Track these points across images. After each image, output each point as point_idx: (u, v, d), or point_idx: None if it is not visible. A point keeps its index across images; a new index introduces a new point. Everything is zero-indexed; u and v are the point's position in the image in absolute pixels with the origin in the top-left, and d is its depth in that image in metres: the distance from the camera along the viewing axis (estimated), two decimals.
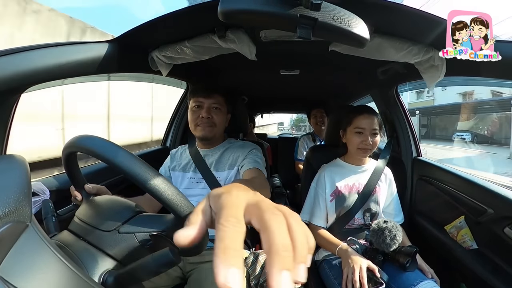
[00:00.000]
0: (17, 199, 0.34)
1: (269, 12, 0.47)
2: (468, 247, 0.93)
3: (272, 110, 3.86)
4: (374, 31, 0.67)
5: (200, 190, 0.94)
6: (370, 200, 1.05)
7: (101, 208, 0.53)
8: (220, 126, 0.99)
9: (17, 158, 0.42)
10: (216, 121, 0.97)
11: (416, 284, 0.81)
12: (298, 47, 0.94)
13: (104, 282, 0.43)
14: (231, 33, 0.73)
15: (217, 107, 0.97)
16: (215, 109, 0.97)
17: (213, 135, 0.98)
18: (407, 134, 1.30)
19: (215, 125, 0.97)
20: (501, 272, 0.82)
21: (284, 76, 1.37)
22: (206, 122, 0.95)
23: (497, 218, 0.84)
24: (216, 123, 0.97)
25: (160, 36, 0.77)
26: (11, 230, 0.32)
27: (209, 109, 0.96)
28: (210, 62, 0.87)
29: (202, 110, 0.95)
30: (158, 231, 0.48)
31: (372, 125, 1.00)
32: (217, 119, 0.97)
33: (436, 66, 0.73)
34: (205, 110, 0.95)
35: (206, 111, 0.95)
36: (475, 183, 0.94)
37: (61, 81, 0.65)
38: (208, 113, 0.95)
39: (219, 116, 0.98)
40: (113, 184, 0.98)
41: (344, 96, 2.00)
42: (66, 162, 0.54)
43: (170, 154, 1.09)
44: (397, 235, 0.85)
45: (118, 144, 0.46)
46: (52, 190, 0.70)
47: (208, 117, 0.95)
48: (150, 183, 0.43)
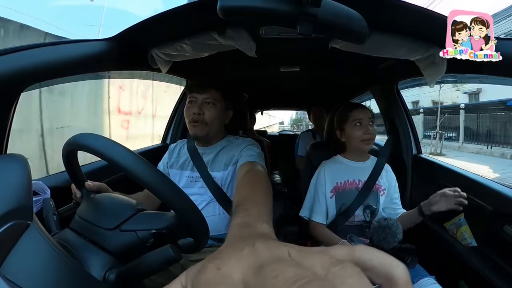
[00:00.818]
0: (18, 199, 0.34)
1: (269, 8, 0.47)
2: (467, 245, 0.94)
3: (272, 107, 3.86)
4: (375, 27, 0.66)
5: (197, 189, 0.94)
6: (370, 196, 1.05)
7: (102, 206, 0.54)
8: (213, 123, 0.93)
9: (18, 157, 0.42)
10: (207, 118, 0.92)
11: (416, 281, 0.82)
12: (298, 44, 0.94)
13: (106, 280, 0.43)
14: (231, 30, 0.72)
15: (211, 102, 0.93)
16: (208, 104, 0.92)
17: (205, 134, 0.93)
18: (408, 131, 1.30)
19: (205, 124, 0.92)
20: (500, 269, 0.82)
21: (284, 73, 1.37)
22: (196, 120, 0.91)
23: (496, 215, 0.84)
24: (207, 121, 0.92)
25: (160, 33, 0.76)
26: (13, 229, 0.32)
27: (201, 104, 0.92)
28: (209, 59, 0.87)
29: (194, 106, 0.92)
30: (159, 229, 0.48)
31: (368, 116, 1.04)
32: (209, 115, 0.92)
33: (437, 63, 0.72)
34: (196, 106, 0.91)
35: (198, 107, 0.91)
36: (475, 181, 0.94)
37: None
38: (199, 109, 0.91)
39: (211, 112, 0.92)
40: (114, 181, 0.98)
41: (344, 93, 1.99)
42: (67, 160, 0.54)
43: (168, 149, 1.07)
44: (398, 233, 0.85)
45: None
46: (53, 189, 0.70)
47: (198, 113, 0.90)
48: (150, 180, 0.43)
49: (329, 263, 0.14)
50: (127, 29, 0.68)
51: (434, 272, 0.87)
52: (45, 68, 0.55)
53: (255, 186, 0.61)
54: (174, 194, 0.44)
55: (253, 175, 0.70)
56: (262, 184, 0.61)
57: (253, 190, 0.57)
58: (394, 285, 0.15)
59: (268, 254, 0.17)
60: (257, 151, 0.91)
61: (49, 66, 0.55)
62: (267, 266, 0.15)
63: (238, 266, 0.16)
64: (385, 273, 0.16)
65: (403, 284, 0.15)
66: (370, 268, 0.16)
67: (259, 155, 0.88)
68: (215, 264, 0.16)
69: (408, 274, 0.16)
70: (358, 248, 0.17)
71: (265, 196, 0.53)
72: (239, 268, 0.16)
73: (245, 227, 0.31)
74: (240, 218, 0.35)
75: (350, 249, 0.17)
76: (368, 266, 0.16)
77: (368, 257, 0.16)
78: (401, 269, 0.15)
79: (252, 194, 0.52)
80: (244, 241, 0.20)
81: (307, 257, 0.15)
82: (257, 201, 0.46)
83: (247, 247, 0.18)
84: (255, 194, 0.53)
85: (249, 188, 0.59)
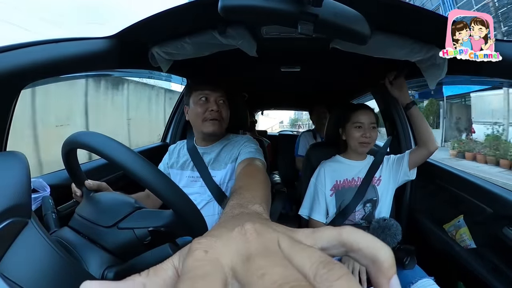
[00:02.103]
0: (17, 196, 0.34)
1: (270, 8, 0.46)
2: (466, 246, 0.94)
3: (272, 107, 3.85)
4: (376, 28, 0.66)
5: (198, 188, 0.94)
6: (369, 191, 1.06)
7: (101, 204, 0.54)
8: (226, 121, 0.96)
9: (17, 154, 0.42)
10: (224, 115, 0.94)
11: (414, 282, 0.82)
12: (299, 44, 0.94)
13: (104, 278, 0.43)
14: (232, 29, 0.72)
15: (224, 100, 0.95)
16: (222, 103, 0.94)
17: (221, 130, 0.95)
18: (408, 132, 1.30)
19: (223, 120, 0.94)
20: (499, 271, 0.82)
21: (285, 73, 1.37)
22: (216, 117, 0.91)
23: (496, 218, 0.84)
24: (224, 117, 0.94)
25: (160, 32, 0.76)
26: (11, 227, 0.32)
27: (216, 102, 0.93)
28: (210, 58, 0.87)
29: (210, 103, 0.92)
30: (157, 227, 0.48)
31: (370, 120, 1.04)
32: (224, 113, 0.95)
33: (438, 64, 0.72)
34: (213, 103, 0.91)
35: (216, 104, 0.91)
36: (475, 183, 0.94)
37: None
38: (217, 106, 0.92)
39: (225, 110, 0.95)
40: (114, 180, 0.98)
41: (345, 93, 1.99)
42: (66, 159, 0.54)
43: (168, 150, 1.07)
44: (397, 233, 0.85)
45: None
46: (53, 187, 0.70)
47: (217, 111, 0.91)
48: (150, 179, 0.43)
49: (319, 263, 0.14)
50: (128, 27, 0.68)
51: (433, 273, 0.87)
52: (45, 66, 0.54)
53: (252, 177, 0.60)
54: (172, 192, 0.44)
55: (251, 169, 0.70)
56: (259, 176, 0.61)
57: (250, 179, 0.56)
58: (379, 267, 0.15)
59: (257, 242, 0.16)
60: (255, 147, 0.91)
61: (50, 64, 0.55)
62: (255, 260, 0.15)
63: (227, 250, 0.16)
64: (371, 255, 0.16)
65: (387, 266, 0.15)
66: (356, 250, 0.16)
67: (257, 150, 0.89)
68: (202, 246, 0.16)
69: (393, 257, 0.16)
70: (345, 229, 0.17)
71: (261, 185, 0.52)
72: (228, 253, 0.16)
73: (237, 207, 0.30)
74: (233, 200, 0.34)
75: (338, 231, 0.17)
76: (354, 248, 0.16)
77: (354, 238, 0.16)
78: (386, 252, 0.16)
79: (248, 182, 0.52)
80: (235, 220, 0.20)
81: (297, 252, 0.15)
82: (252, 188, 0.45)
83: (237, 228, 0.17)
84: (250, 182, 0.52)
85: (245, 178, 0.59)
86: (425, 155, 1.03)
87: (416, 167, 1.08)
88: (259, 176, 0.60)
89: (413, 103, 1.03)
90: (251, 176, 0.62)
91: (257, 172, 0.65)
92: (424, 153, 1.03)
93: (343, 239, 0.17)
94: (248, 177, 0.61)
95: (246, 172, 0.67)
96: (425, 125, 1.02)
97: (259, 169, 0.69)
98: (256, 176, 0.61)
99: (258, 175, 0.62)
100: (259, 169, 0.70)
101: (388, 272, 0.15)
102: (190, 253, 0.16)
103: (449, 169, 1.10)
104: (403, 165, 1.07)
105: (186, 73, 1.27)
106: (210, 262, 0.15)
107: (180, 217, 0.46)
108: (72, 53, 0.60)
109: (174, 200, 0.44)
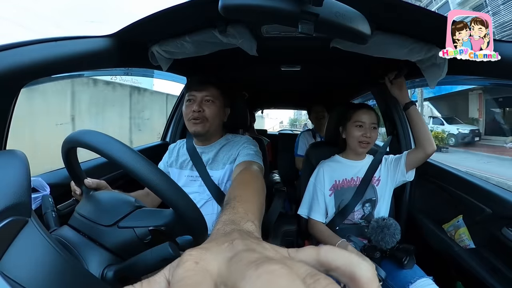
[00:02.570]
0: (17, 195, 0.34)
1: (271, 7, 0.46)
2: (465, 246, 0.94)
3: (272, 106, 3.84)
4: (376, 28, 0.66)
5: (197, 187, 0.94)
6: (369, 191, 1.06)
7: (101, 203, 0.54)
8: (213, 120, 0.94)
9: (17, 153, 0.42)
10: (208, 114, 0.92)
11: (413, 282, 0.82)
12: (300, 43, 0.93)
13: (104, 277, 0.43)
14: (232, 28, 0.72)
15: (210, 100, 0.93)
16: (207, 102, 0.93)
17: (206, 130, 0.93)
18: (407, 131, 1.30)
19: (206, 120, 0.92)
20: (498, 271, 0.82)
21: (285, 72, 1.37)
22: (197, 117, 0.91)
23: (495, 218, 0.84)
24: (207, 117, 0.92)
25: (160, 30, 0.76)
26: (11, 226, 0.32)
27: (200, 102, 0.92)
28: (210, 57, 0.87)
29: (193, 103, 0.92)
30: (157, 226, 0.48)
31: (371, 119, 1.04)
32: (209, 112, 0.92)
33: (438, 64, 0.72)
34: (196, 104, 0.91)
35: (197, 105, 0.91)
36: (474, 183, 0.94)
37: None
38: (199, 106, 0.91)
39: (211, 109, 0.93)
40: (113, 179, 0.98)
41: (345, 92, 1.99)
42: (66, 157, 0.54)
43: (168, 149, 1.07)
44: (396, 233, 0.85)
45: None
46: (52, 186, 0.70)
47: (199, 111, 0.91)
48: (149, 178, 0.43)
49: (306, 275, 0.14)
50: (128, 26, 0.68)
51: (432, 273, 0.87)
52: (45, 64, 0.54)
53: (247, 185, 0.60)
54: (173, 192, 0.44)
55: (247, 175, 0.69)
56: (253, 184, 0.61)
57: (244, 189, 0.56)
58: (357, 284, 0.16)
59: (243, 247, 0.17)
60: (255, 149, 0.91)
61: (49, 62, 0.55)
62: (236, 255, 0.16)
63: (215, 261, 0.17)
64: (348, 273, 0.16)
65: (366, 282, 0.15)
66: (334, 268, 0.17)
67: (256, 153, 0.88)
68: (193, 258, 0.17)
69: (372, 271, 0.16)
70: (322, 249, 0.17)
71: (255, 195, 0.53)
72: (216, 263, 0.16)
73: (229, 224, 0.31)
74: (226, 215, 0.35)
75: (315, 250, 0.18)
76: (332, 266, 0.17)
77: (331, 257, 0.17)
78: (362, 268, 0.16)
79: (242, 193, 0.51)
80: (226, 237, 0.21)
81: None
82: (246, 200, 0.45)
83: (227, 243, 0.19)
84: (245, 193, 0.52)
85: (240, 187, 0.59)
86: (422, 156, 1.03)
87: (413, 168, 1.07)
88: (254, 184, 0.61)
89: (412, 103, 1.03)
90: (246, 184, 0.61)
91: (253, 180, 0.64)
92: (420, 155, 1.02)
93: (320, 259, 0.17)
94: (243, 185, 0.60)
95: (241, 180, 0.66)
96: (423, 125, 1.02)
97: (256, 175, 0.69)
98: (251, 184, 0.61)
99: (254, 182, 0.62)
100: (256, 175, 0.69)
101: (368, 287, 0.15)
102: (181, 263, 0.16)
103: (448, 169, 1.10)
104: (400, 165, 1.07)
105: (186, 72, 1.27)
106: (200, 272, 0.16)
107: (180, 216, 0.46)
108: (72, 51, 0.59)
109: (174, 199, 0.44)
